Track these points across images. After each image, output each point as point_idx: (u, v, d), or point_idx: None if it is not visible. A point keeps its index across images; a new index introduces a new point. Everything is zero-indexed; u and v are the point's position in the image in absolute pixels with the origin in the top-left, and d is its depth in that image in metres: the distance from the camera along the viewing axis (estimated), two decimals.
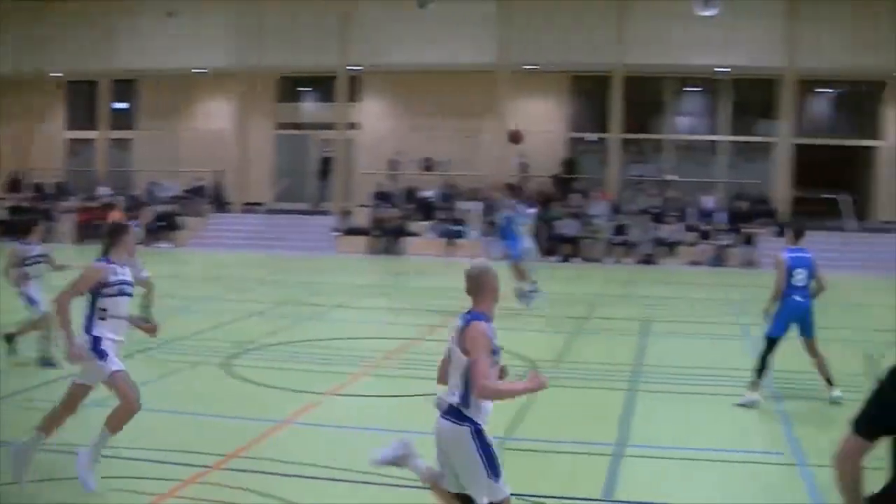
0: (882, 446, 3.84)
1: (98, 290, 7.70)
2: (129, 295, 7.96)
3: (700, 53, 29.54)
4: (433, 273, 25.47)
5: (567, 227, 29.07)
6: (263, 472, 8.13)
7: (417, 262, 28.18)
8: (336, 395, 11.17)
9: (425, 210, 30.79)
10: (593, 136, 33.44)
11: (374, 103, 34.38)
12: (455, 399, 5.83)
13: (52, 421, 7.76)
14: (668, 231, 28.91)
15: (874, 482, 3.91)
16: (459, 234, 29.02)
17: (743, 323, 17.20)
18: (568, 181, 31.52)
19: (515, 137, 19.52)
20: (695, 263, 28.14)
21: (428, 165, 32.71)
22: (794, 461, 9.03)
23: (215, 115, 35.23)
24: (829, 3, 28.51)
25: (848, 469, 3.94)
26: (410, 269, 26.71)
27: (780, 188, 30.22)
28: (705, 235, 28.80)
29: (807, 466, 8.82)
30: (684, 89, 33.54)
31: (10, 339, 12.33)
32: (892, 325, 16.82)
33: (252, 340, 14.45)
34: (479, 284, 5.99)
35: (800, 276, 11.18)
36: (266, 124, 35.09)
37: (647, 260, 28.29)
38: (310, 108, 36.13)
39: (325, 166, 33.75)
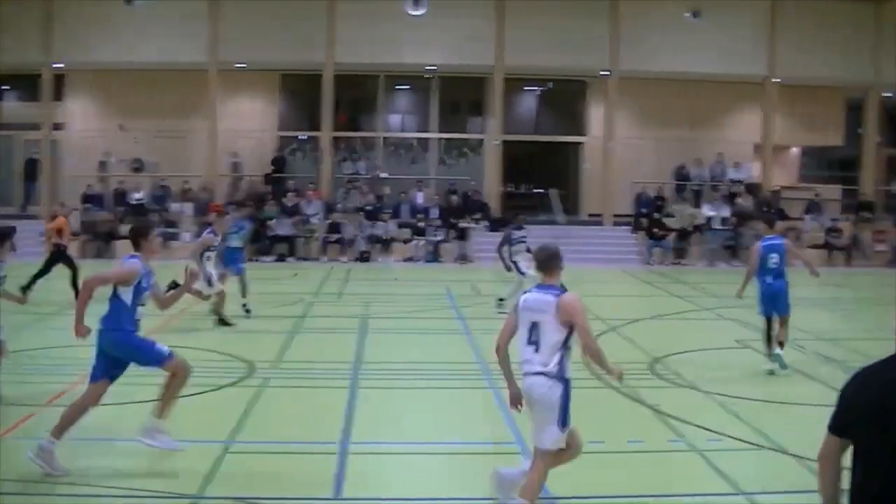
0: None
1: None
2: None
3: (410, 52, 29.74)
4: None
5: (281, 226, 28.59)
6: None
7: None
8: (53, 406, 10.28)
9: (137, 212, 29.52)
10: (305, 135, 33.09)
11: (82, 102, 32.62)
12: (552, 366, 6.79)
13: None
14: (382, 228, 28.92)
15: None
16: (173, 237, 27.96)
17: (460, 317, 17.33)
18: (280, 180, 31.02)
19: None
20: (410, 260, 28.29)
21: (137, 167, 31.44)
22: (518, 450, 9.00)
23: None
24: (537, 3, 29.30)
25: (827, 467, 4.28)
26: None
27: (491, 184, 30.84)
28: (419, 232, 28.99)
29: (530, 454, 8.81)
30: (396, 87, 33.72)
31: None
32: (604, 314, 17.44)
33: None
34: (552, 262, 7.01)
35: (773, 261, 12.88)
36: None
37: (363, 258, 28.20)
38: (12, 107, 33.99)
39: (31, 168, 31.85)
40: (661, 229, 28.80)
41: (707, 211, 29.50)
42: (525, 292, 7.16)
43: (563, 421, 6.87)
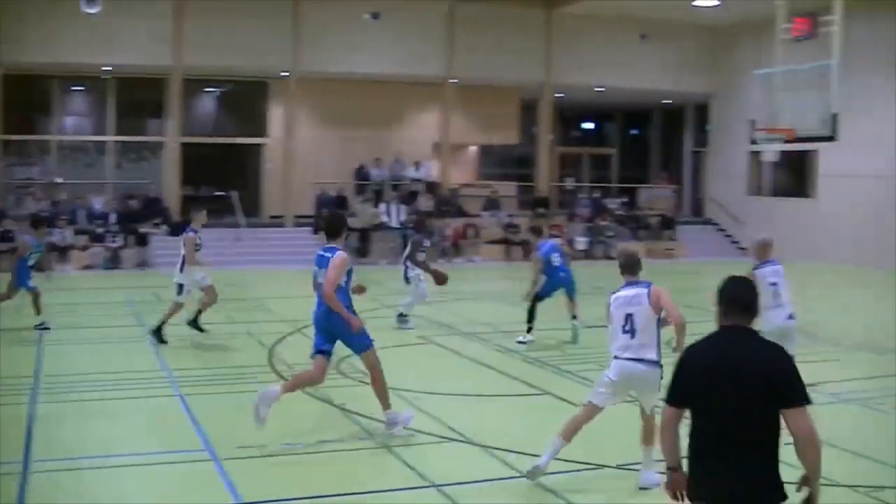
0: None
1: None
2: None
3: (85, 52, 28.63)
4: None
5: None
6: None
7: None
8: None
9: None
10: None
11: None
12: (652, 352, 8.13)
13: None
14: (59, 236, 27.76)
15: None
16: None
17: (142, 325, 16.92)
18: None
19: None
20: (88, 267, 27.23)
21: None
22: (207, 457, 9.01)
23: None
24: (217, 3, 28.85)
25: (666, 435, 5.16)
26: None
27: (171, 187, 30.24)
28: (97, 238, 28.03)
29: (220, 461, 8.86)
30: (71, 88, 32.45)
31: None
32: (289, 316, 17.57)
33: None
34: (637, 262, 8.52)
35: (556, 260, 15.22)
36: None
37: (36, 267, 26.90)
38: None
39: None
40: None
41: (385, 210, 30.14)
42: (615, 291, 8.39)
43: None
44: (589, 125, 45.22)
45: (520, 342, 15.09)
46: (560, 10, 32.45)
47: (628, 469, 8.80)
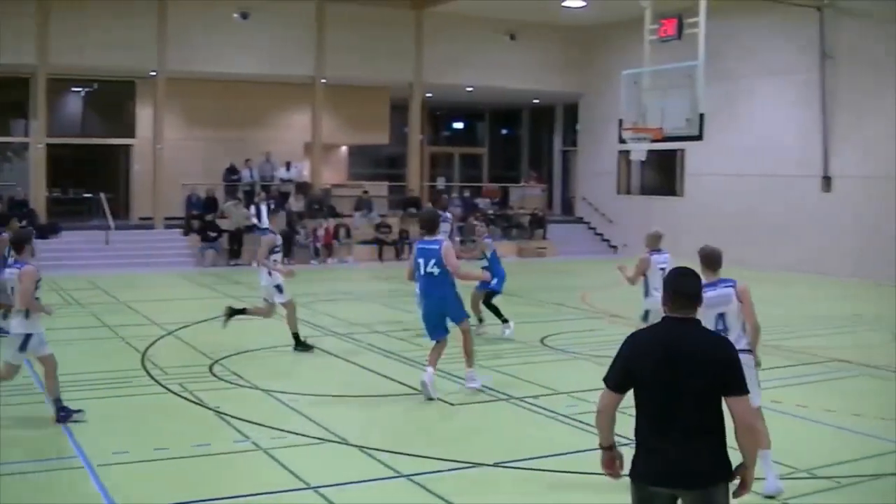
0: None
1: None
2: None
3: None
4: None
5: None
6: None
7: None
8: None
9: None
10: None
11: None
12: (743, 342, 8.22)
13: None
14: None
15: None
16: None
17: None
18: None
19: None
20: None
21: None
22: (80, 464, 8.88)
23: None
24: (82, 1, 28.23)
25: (604, 418, 5.30)
26: None
27: (37, 189, 29.46)
28: None
29: (94, 468, 8.75)
30: None
31: None
32: (161, 319, 17.36)
33: None
34: (719, 259, 8.65)
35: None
36: None
37: None
38: None
39: None
40: (214, 231, 28.81)
41: (256, 211, 29.81)
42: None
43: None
44: (460, 125, 45.55)
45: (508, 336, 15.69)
46: (430, 9, 32.61)
47: (505, 468, 8.95)
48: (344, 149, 38.29)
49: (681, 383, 5.04)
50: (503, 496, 8.40)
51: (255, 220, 29.16)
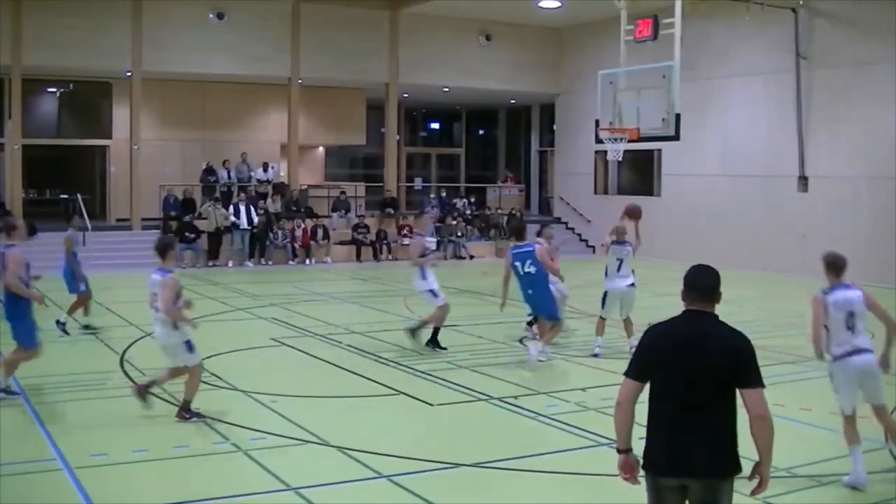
0: None
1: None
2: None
3: None
4: None
5: None
6: None
7: None
8: None
9: None
10: None
11: None
12: (868, 343, 8.65)
13: None
14: None
15: None
16: None
17: None
18: None
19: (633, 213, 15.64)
20: None
21: None
22: (59, 466, 8.86)
23: None
24: (57, 2, 28.06)
25: (624, 409, 5.26)
26: None
27: (13, 190, 29.30)
28: None
29: (72, 469, 8.74)
30: None
31: None
32: (138, 320, 17.31)
33: None
34: (844, 264, 8.97)
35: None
36: None
37: None
38: None
39: None
40: (192, 232, 28.71)
41: (234, 211, 29.77)
42: (826, 292, 8.84)
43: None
44: (436, 125, 45.59)
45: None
46: (405, 10, 32.61)
47: (485, 468, 8.98)
48: (321, 149, 38.28)
49: (694, 374, 5.10)
50: (483, 496, 8.43)
51: (234, 220, 29.20)
